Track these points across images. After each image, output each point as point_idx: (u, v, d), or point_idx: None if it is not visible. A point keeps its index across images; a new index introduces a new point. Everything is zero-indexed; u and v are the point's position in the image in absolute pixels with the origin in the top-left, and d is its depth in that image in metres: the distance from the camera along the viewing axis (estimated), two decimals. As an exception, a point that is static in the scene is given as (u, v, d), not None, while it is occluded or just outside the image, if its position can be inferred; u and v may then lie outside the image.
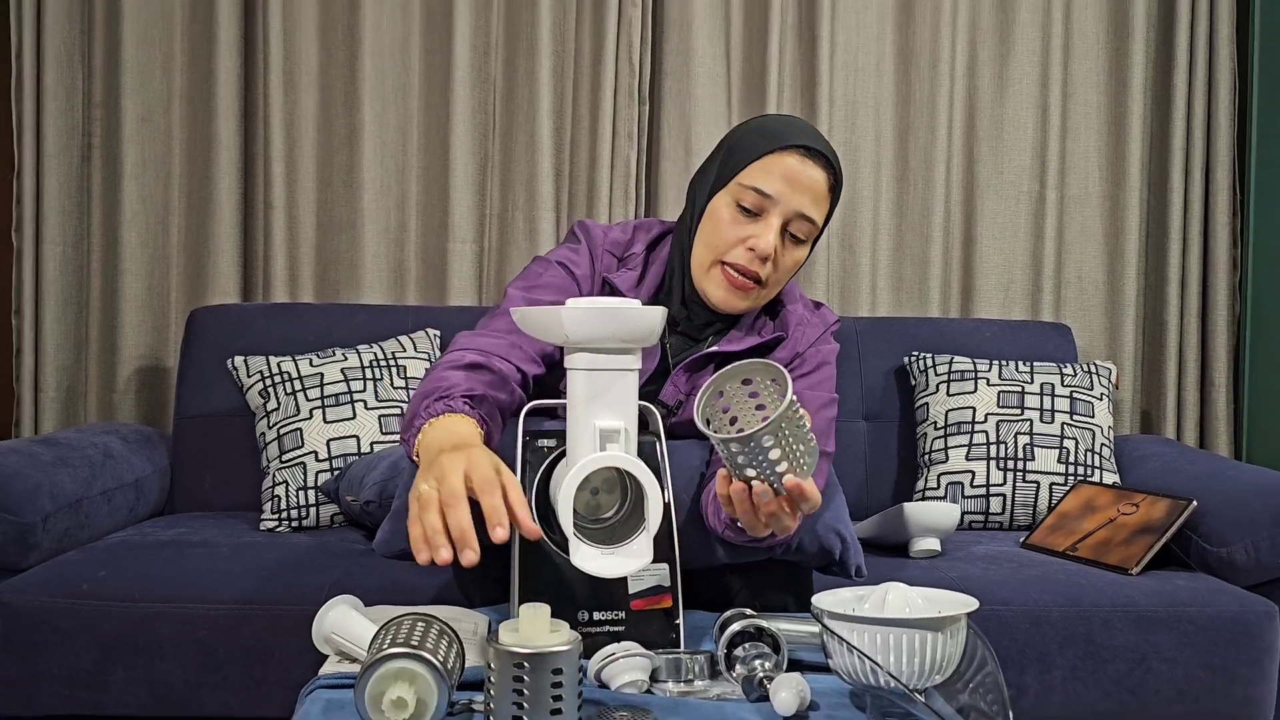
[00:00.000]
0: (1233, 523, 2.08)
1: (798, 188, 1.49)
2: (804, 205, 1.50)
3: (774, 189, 1.49)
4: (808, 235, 1.52)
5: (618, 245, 1.64)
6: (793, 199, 1.49)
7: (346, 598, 1.30)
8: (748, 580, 1.54)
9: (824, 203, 1.52)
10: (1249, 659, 1.94)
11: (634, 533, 1.27)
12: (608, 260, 1.63)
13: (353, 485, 2.19)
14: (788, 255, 1.53)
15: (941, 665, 1.13)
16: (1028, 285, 2.91)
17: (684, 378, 1.59)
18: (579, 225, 1.66)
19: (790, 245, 1.53)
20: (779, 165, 1.49)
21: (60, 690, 1.86)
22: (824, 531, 1.55)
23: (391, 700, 1.05)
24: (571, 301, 1.23)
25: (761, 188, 1.49)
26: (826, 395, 1.60)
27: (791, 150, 1.50)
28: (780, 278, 1.55)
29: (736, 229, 1.51)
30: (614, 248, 1.64)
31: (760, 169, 1.50)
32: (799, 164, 1.49)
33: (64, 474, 2.08)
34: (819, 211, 1.52)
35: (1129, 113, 2.89)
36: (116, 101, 2.72)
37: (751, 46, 2.84)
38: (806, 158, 1.50)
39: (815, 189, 1.50)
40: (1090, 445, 2.44)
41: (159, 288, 2.77)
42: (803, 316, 1.65)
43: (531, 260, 1.67)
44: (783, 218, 1.50)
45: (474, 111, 2.79)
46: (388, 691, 1.06)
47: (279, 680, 1.86)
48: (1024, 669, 1.92)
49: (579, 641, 1.05)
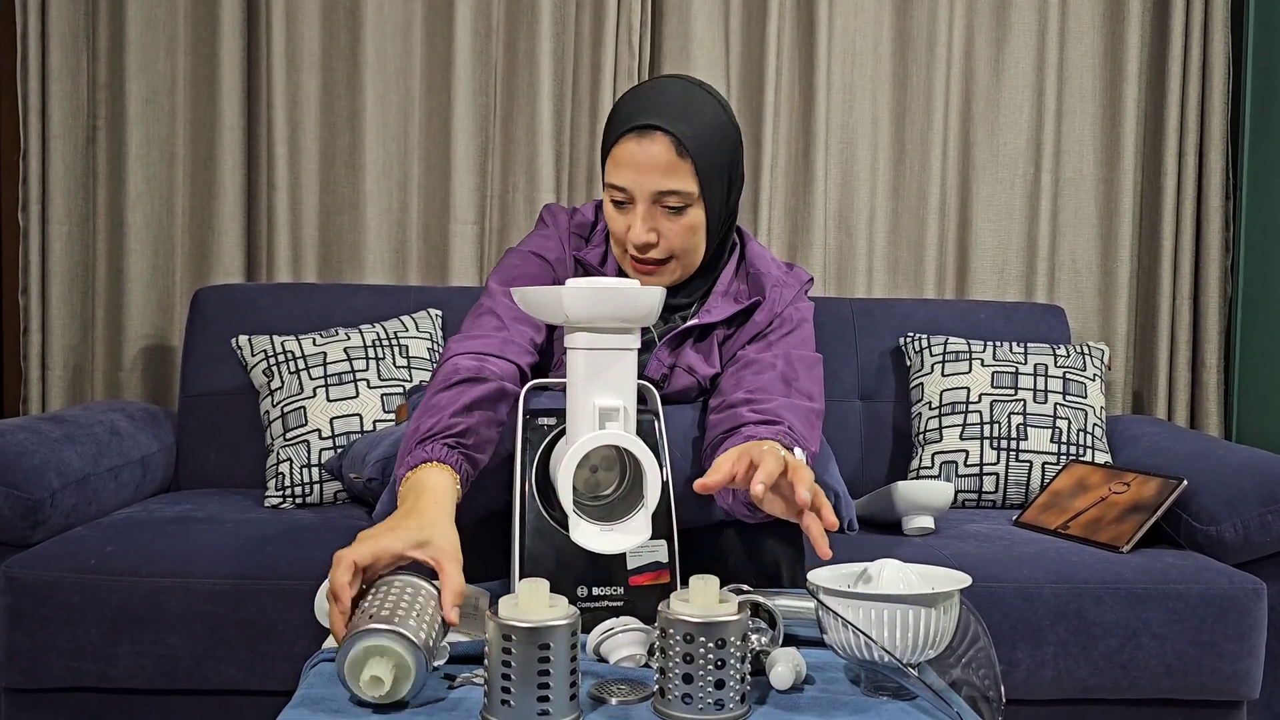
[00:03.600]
0: (1222, 502, 2.11)
1: (642, 170, 1.50)
2: (655, 183, 1.50)
3: (624, 180, 1.52)
4: (682, 202, 1.52)
5: (583, 226, 1.68)
6: (643, 182, 1.51)
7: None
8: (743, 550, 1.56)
9: (677, 169, 1.50)
10: (1237, 635, 1.97)
11: (633, 510, 1.29)
12: (575, 241, 1.66)
13: (355, 463, 2.21)
14: (675, 225, 1.54)
15: (935, 640, 1.15)
16: (1022, 267, 2.93)
17: (666, 352, 1.62)
18: (546, 210, 1.70)
19: (671, 216, 1.53)
20: (622, 155, 1.51)
21: (68, 663, 1.89)
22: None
23: (366, 680, 1.07)
24: (571, 282, 1.25)
25: (615, 183, 1.53)
26: (812, 354, 1.63)
27: (626, 136, 1.51)
28: (685, 244, 1.56)
29: (620, 220, 1.55)
30: (579, 229, 1.68)
31: (612, 163, 1.53)
32: (636, 146, 1.50)
33: (71, 451, 2.10)
34: (677, 180, 1.51)
35: (1124, 96, 2.90)
36: (121, 83, 2.73)
37: (750, 30, 2.85)
38: (640, 138, 1.50)
39: (660, 162, 1.49)
40: (1082, 425, 2.46)
41: (164, 267, 2.79)
42: (777, 278, 1.66)
43: (506, 252, 1.70)
44: (646, 201, 1.52)
45: (475, 93, 2.81)
46: (365, 669, 1.07)
47: (283, 654, 1.89)
48: (1016, 644, 1.95)
49: (576, 617, 1.07)
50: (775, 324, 1.63)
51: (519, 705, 1.04)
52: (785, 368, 1.57)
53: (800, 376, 1.58)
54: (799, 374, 1.58)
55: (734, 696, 1.07)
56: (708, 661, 1.06)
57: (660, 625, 1.08)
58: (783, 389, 1.54)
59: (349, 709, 1.09)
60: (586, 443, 1.24)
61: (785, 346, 1.61)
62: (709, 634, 1.06)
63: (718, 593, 1.10)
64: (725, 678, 1.07)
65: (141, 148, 2.75)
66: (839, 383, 2.62)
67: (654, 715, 1.09)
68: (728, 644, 1.07)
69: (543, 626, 1.04)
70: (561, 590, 1.32)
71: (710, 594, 1.09)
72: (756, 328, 1.63)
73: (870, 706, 1.13)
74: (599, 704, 1.12)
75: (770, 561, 1.58)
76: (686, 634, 1.06)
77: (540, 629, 1.04)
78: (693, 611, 1.07)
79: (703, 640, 1.06)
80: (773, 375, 1.56)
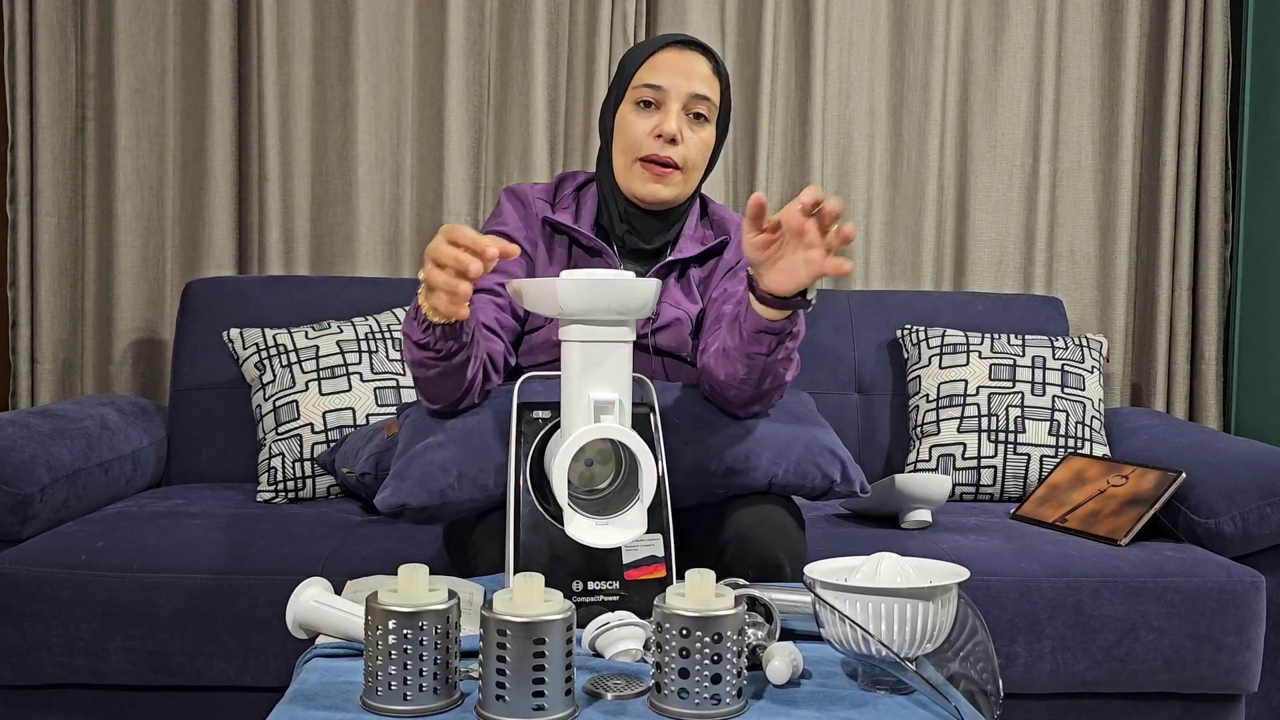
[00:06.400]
0: (1221, 494, 2.10)
1: (684, 74, 1.67)
2: (695, 86, 1.67)
3: (664, 80, 1.67)
4: (709, 113, 1.70)
5: (547, 191, 1.80)
6: (683, 84, 1.67)
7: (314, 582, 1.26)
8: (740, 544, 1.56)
9: (713, 82, 1.70)
10: (1235, 628, 1.96)
11: (628, 504, 1.28)
12: (540, 205, 1.76)
13: (348, 457, 2.20)
14: (696, 135, 1.69)
15: (933, 634, 1.14)
16: (1020, 259, 2.92)
17: None
18: (505, 192, 1.81)
19: (695, 125, 1.69)
20: (662, 61, 1.68)
21: (59, 659, 1.88)
22: (819, 453, 1.61)
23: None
24: (566, 273, 1.25)
25: (652, 82, 1.67)
26: None
27: (669, 47, 1.69)
28: (694, 159, 1.70)
29: (643, 123, 1.68)
30: (544, 194, 1.79)
31: (648, 69, 1.68)
32: (678, 55, 1.68)
33: (61, 446, 2.09)
34: (711, 89, 1.69)
35: (1122, 86, 2.89)
36: (110, 73, 2.71)
37: (746, 19, 2.83)
38: (685, 49, 1.69)
39: (700, 71, 1.68)
40: (1080, 418, 2.45)
41: (154, 260, 2.77)
42: (739, 221, 1.81)
43: None
44: (680, 102, 1.67)
45: (468, 84, 2.79)
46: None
47: (276, 649, 1.87)
48: (1014, 638, 1.94)
49: (571, 611, 1.06)
50: (743, 263, 1.75)
51: (514, 700, 1.03)
52: None
53: None
54: None
55: (730, 691, 1.06)
56: (704, 656, 1.05)
57: (656, 620, 1.07)
58: None
59: (342, 705, 1.08)
60: (581, 436, 1.23)
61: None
62: (705, 629, 1.05)
63: (714, 587, 1.08)
64: (722, 672, 1.06)
65: (131, 139, 2.73)
66: (836, 375, 2.61)
67: (650, 710, 1.08)
68: (724, 639, 1.05)
69: (538, 621, 1.03)
70: (556, 585, 1.31)
71: (707, 588, 1.08)
72: (728, 265, 1.77)
73: (868, 701, 1.13)
74: (595, 699, 1.11)
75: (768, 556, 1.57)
76: (683, 628, 1.05)
77: (535, 624, 1.03)
78: (689, 606, 1.06)
79: (699, 635, 1.05)
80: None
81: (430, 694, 1.06)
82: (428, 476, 1.50)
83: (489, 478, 1.51)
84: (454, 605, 1.08)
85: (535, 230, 1.74)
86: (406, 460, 1.52)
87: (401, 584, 1.07)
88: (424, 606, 1.06)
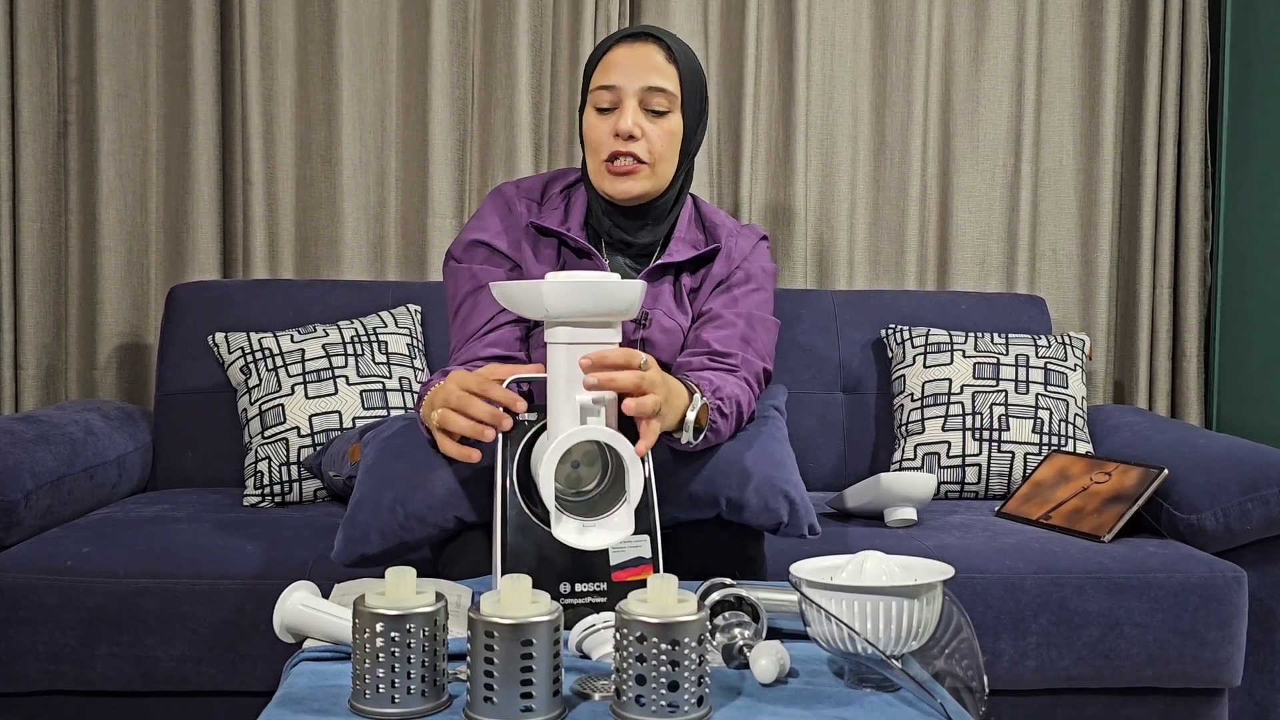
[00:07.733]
0: (1203, 490, 2.12)
1: (636, 69, 1.67)
2: (647, 79, 1.67)
3: (617, 79, 1.67)
4: (669, 104, 1.68)
5: (534, 190, 1.79)
6: (634, 78, 1.66)
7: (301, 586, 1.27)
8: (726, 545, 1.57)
9: (668, 70, 1.68)
10: (1218, 623, 1.98)
11: (615, 505, 1.28)
12: (524, 204, 1.76)
13: (335, 460, 2.20)
14: (657, 127, 1.68)
15: (918, 632, 1.15)
16: (1003, 258, 2.93)
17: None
18: (491, 194, 1.80)
19: (655, 118, 1.68)
20: (613, 60, 1.68)
21: (45, 666, 1.87)
22: (770, 493, 1.59)
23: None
24: (551, 275, 1.25)
25: (605, 83, 1.68)
26: (771, 319, 1.79)
27: (621, 43, 1.69)
28: (660, 150, 1.69)
29: (604, 125, 1.68)
30: (530, 193, 1.78)
31: (601, 70, 1.69)
32: (629, 50, 1.68)
33: (45, 451, 2.08)
34: (667, 78, 1.68)
35: (1102, 86, 2.90)
36: (92, 78, 2.70)
37: (729, 21, 2.84)
38: (633, 42, 1.69)
39: (650, 62, 1.67)
40: (1064, 415, 2.47)
41: (138, 264, 2.76)
42: (730, 228, 1.82)
43: (444, 262, 1.79)
44: (635, 98, 1.67)
45: (452, 87, 2.79)
46: None
47: (264, 654, 1.87)
48: (999, 635, 1.95)
49: (558, 613, 1.06)
50: (738, 277, 1.76)
51: (502, 702, 1.03)
52: (746, 328, 1.72)
53: (759, 338, 1.73)
54: (758, 335, 1.73)
55: (689, 700, 1.05)
56: (660, 663, 1.04)
57: (616, 624, 1.07)
58: (740, 346, 1.70)
59: (330, 708, 1.08)
60: (568, 438, 1.23)
61: (748, 306, 1.74)
62: (663, 635, 1.04)
63: (676, 592, 1.07)
64: (680, 680, 1.04)
65: (114, 143, 2.72)
66: (821, 375, 2.62)
67: (611, 715, 1.07)
68: (681, 645, 1.04)
69: (525, 623, 1.03)
70: (544, 586, 1.31)
71: (668, 594, 1.06)
72: (717, 278, 1.77)
73: (854, 699, 1.13)
74: (582, 700, 1.11)
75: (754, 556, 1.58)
76: (639, 634, 1.04)
77: (523, 625, 1.03)
78: (647, 612, 1.05)
79: (655, 641, 1.04)
80: (733, 333, 1.70)
81: (418, 696, 1.06)
82: (377, 519, 1.53)
83: (438, 514, 1.52)
84: (441, 608, 1.08)
85: (519, 231, 1.74)
86: (354, 507, 1.55)
87: (389, 587, 1.08)
88: (411, 609, 1.06)
